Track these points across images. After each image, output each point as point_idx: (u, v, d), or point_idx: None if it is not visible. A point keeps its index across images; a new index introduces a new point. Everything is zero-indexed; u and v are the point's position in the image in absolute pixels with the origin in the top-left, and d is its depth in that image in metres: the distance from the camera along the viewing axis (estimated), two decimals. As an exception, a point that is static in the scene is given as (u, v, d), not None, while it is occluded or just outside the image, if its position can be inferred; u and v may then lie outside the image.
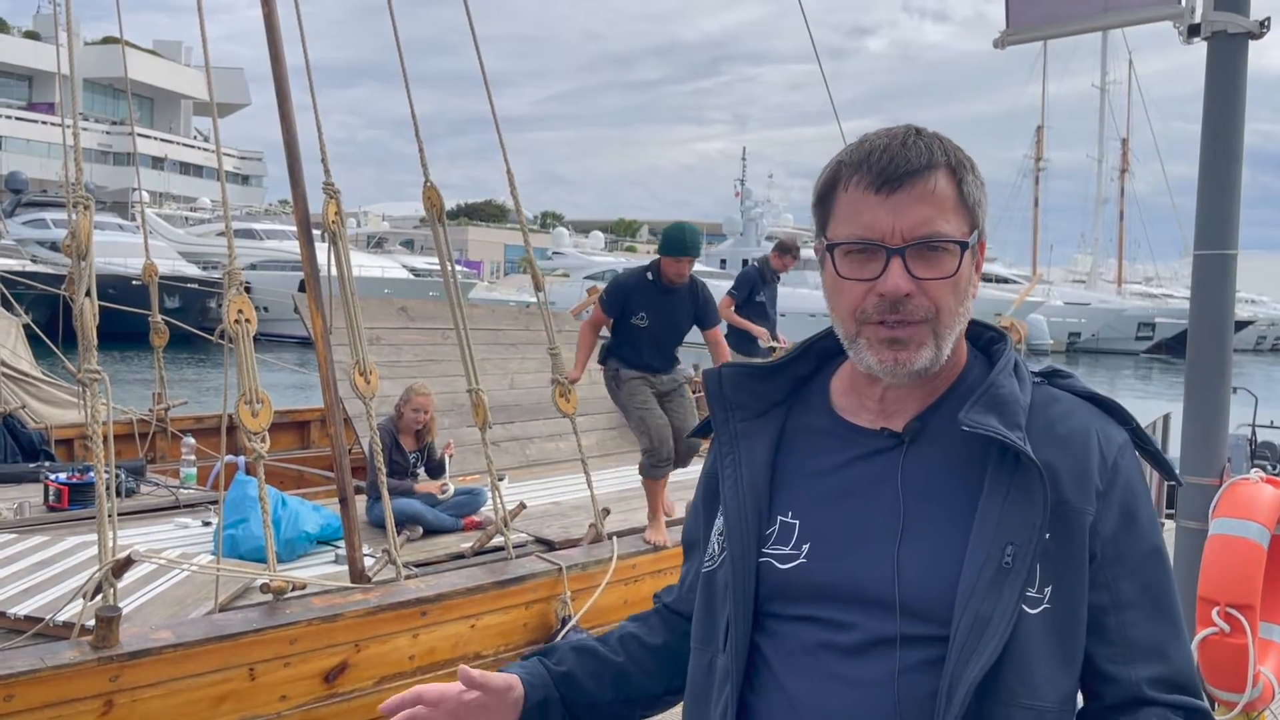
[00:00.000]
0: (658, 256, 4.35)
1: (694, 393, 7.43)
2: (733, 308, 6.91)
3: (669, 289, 4.30)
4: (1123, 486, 0.99)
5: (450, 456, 5.09)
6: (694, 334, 4.55)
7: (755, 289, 7.02)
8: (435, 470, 5.09)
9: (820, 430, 1.07)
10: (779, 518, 1.04)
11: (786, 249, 7.16)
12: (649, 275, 4.32)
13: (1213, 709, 2.88)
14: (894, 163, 0.97)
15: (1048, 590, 0.94)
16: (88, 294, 2.72)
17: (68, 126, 2.98)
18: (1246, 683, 2.86)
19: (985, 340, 1.09)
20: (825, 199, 1.03)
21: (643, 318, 4.25)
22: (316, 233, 3.52)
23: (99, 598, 2.71)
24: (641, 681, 1.17)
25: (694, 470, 6.28)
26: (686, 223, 4.50)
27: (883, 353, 0.99)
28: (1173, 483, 1.09)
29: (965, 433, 0.97)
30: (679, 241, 4.26)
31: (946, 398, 1.03)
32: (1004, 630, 0.91)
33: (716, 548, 1.07)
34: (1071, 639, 0.96)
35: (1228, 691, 2.89)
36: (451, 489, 4.70)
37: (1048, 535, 0.94)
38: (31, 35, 48.91)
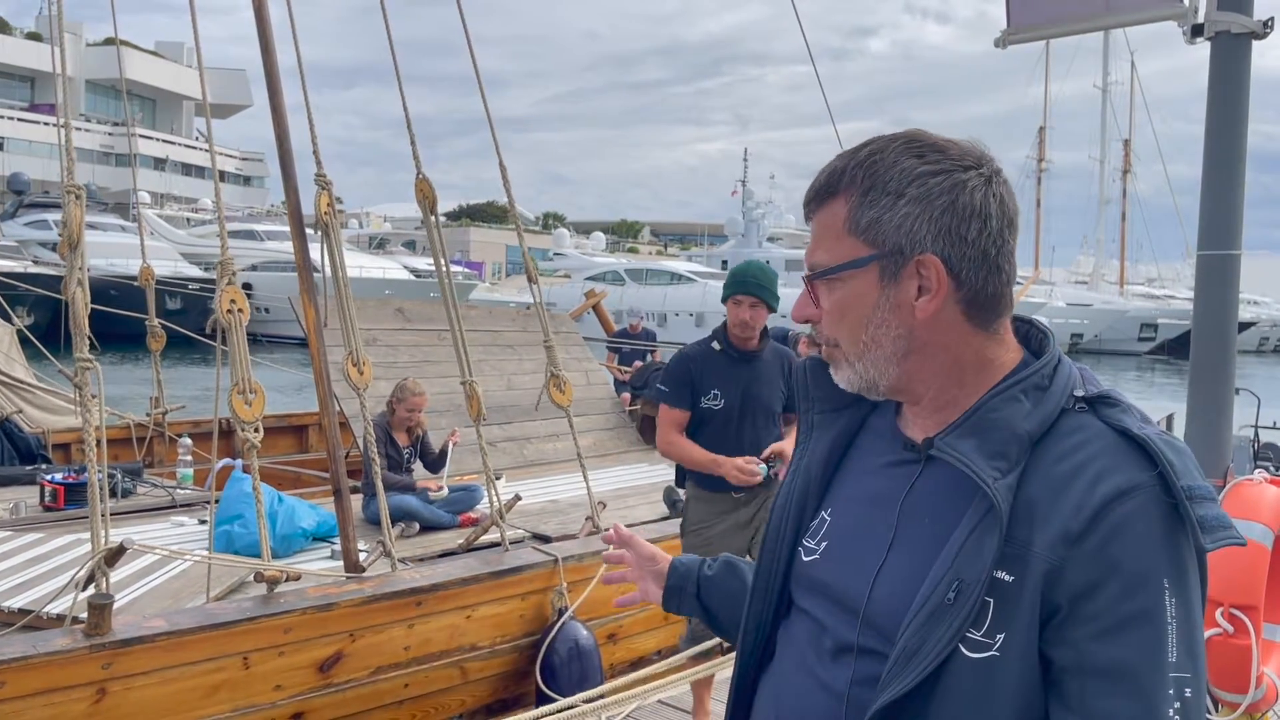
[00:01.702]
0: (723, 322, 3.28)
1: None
2: None
3: (744, 356, 3.23)
4: (1106, 535, 0.86)
5: (455, 445, 5.08)
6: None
7: None
8: (435, 463, 5.08)
9: (879, 432, 1.08)
10: (821, 512, 1.07)
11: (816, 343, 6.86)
12: (715, 344, 3.27)
13: (1216, 710, 2.86)
14: (807, 192, 1.02)
15: (999, 637, 0.87)
16: (79, 283, 2.71)
17: (61, 125, 2.97)
18: (1250, 684, 2.84)
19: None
20: None
21: (715, 396, 3.19)
22: (314, 230, 3.51)
23: (91, 587, 2.70)
24: None
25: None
26: (755, 260, 3.44)
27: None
28: (1202, 548, 0.90)
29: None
30: (736, 275, 3.21)
31: (969, 416, 0.98)
32: (925, 667, 0.87)
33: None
34: (1021, 694, 0.87)
35: (1231, 693, 2.88)
36: (446, 489, 4.71)
37: (1010, 579, 0.87)
38: (34, 36, 49.00)
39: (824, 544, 1.04)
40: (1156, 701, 0.85)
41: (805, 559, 1.05)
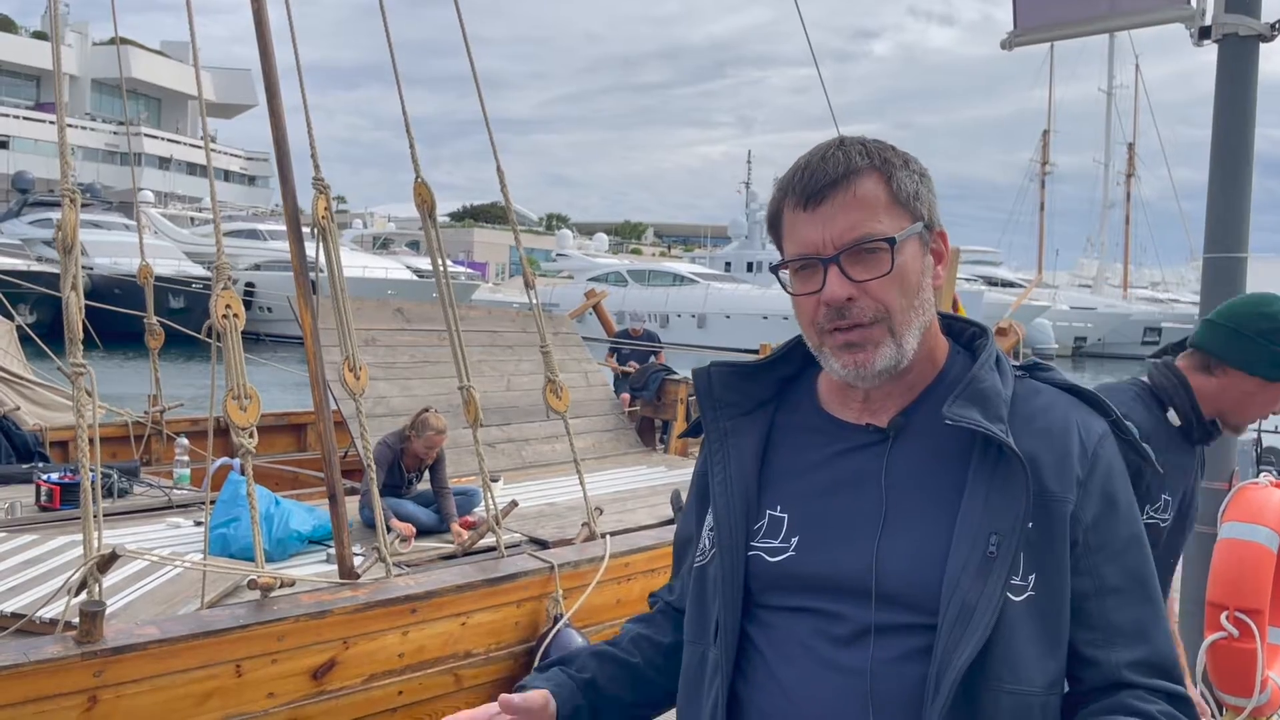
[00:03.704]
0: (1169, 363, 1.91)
1: (689, 396, 7.45)
2: None
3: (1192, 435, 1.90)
4: (1103, 475, 1.01)
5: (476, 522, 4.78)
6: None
7: None
8: (441, 493, 4.82)
9: (807, 427, 1.09)
10: (768, 512, 1.07)
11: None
12: (1169, 408, 1.87)
13: (1220, 713, 2.85)
14: (814, 177, 1.01)
15: (1031, 578, 0.96)
16: (74, 288, 2.69)
17: (68, 125, 2.95)
18: (1255, 688, 2.82)
19: (967, 336, 1.12)
20: (775, 225, 1.07)
21: (1164, 506, 1.81)
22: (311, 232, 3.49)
23: (84, 593, 2.68)
24: (657, 680, 1.19)
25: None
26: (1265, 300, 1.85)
27: (844, 357, 1.02)
28: (1151, 469, 1.11)
29: (949, 426, 0.99)
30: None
31: (929, 393, 1.06)
32: (990, 618, 0.93)
33: (707, 543, 1.09)
34: (1056, 624, 0.98)
35: (1236, 696, 2.86)
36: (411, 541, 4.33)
37: (1030, 524, 0.96)
38: (40, 35, 49.13)
39: (795, 540, 1.04)
40: (1160, 601, 1.03)
41: (775, 559, 1.04)
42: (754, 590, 1.05)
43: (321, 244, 3.30)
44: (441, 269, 3.79)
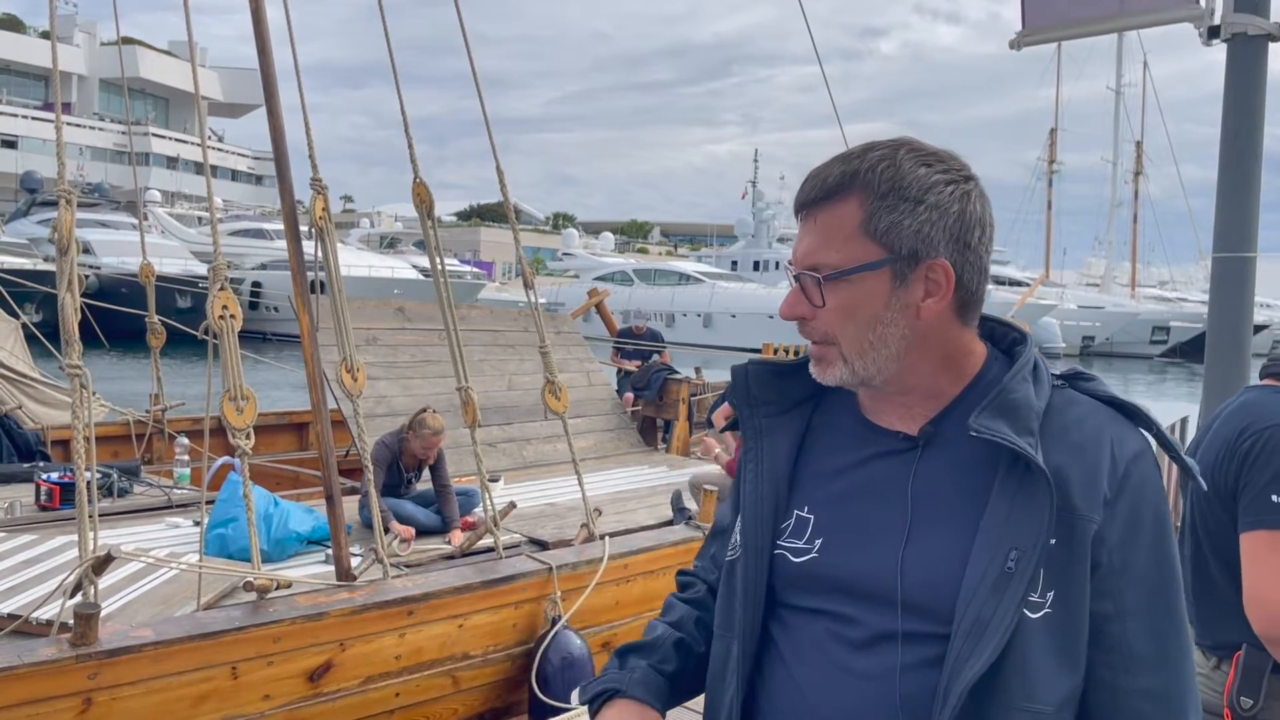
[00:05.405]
0: None
1: (691, 395, 7.42)
2: None
3: None
4: (1132, 494, 0.97)
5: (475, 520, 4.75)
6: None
7: None
8: (443, 493, 4.80)
9: (842, 428, 1.09)
10: (795, 512, 1.07)
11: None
12: None
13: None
14: (802, 191, 1.02)
15: (1050, 595, 0.94)
16: (70, 288, 2.68)
17: (70, 124, 2.95)
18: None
19: (1008, 342, 1.10)
20: None
21: None
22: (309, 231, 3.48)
23: (79, 595, 2.67)
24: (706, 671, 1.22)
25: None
26: None
27: (812, 364, 1.06)
28: (1195, 484, 1.10)
29: (977, 437, 0.98)
30: None
31: (961, 401, 1.04)
32: (1003, 633, 0.91)
33: (738, 539, 1.10)
34: (1073, 643, 0.95)
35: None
36: (410, 544, 4.29)
37: (1053, 541, 0.94)
38: (48, 36, 49.25)
39: (819, 541, 1.04)
40: (1184, 629, 1.00)
41: (798, 560, 1.04)
42: (777, 589, 1.06)
43: (319, 244, 3.29)
44: (440, 268, 3.78)
